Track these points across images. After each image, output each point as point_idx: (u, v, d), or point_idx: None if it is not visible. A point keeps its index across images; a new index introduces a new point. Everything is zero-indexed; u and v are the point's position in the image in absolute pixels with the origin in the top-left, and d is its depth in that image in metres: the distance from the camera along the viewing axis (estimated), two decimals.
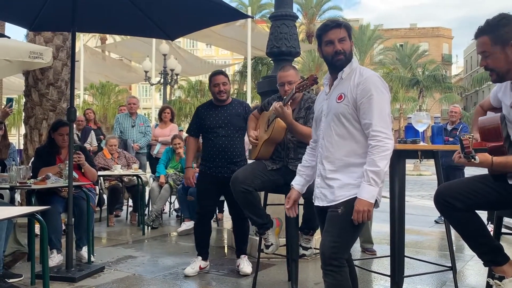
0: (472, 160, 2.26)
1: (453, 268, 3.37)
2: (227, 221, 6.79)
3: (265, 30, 11.65)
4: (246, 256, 4.35)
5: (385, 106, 2.47)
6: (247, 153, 6.26)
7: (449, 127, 7.26)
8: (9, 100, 5.11)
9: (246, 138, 6.81)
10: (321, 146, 2.62)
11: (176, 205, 7.26)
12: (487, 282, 2.74)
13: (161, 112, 7.91)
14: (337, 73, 2.61)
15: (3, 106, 5.59)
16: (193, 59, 14.77)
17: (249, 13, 14.03)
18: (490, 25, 2.40)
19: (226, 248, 5.47)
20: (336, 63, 2.59)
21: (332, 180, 2.54)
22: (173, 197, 7.19)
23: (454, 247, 3.47)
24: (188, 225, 6.21)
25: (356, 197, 2.44)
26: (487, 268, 2.76)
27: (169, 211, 7.71)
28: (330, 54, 2.57)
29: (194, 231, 4.50)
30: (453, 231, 3.11)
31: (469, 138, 2.26)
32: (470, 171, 2.83)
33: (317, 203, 2.65)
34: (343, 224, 2.46)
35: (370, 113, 2.44)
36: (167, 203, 7.19)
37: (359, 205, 2.41)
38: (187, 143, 4.68)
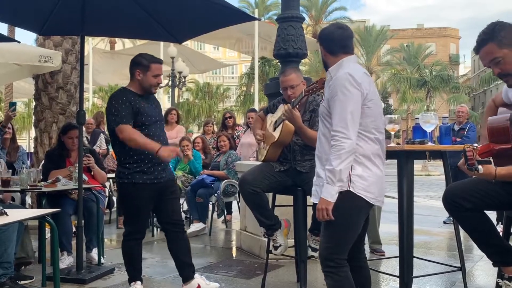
0: (475, 171, 2.30)
1: (462, 269, 3.37)
2: (236, 222, 6.81)
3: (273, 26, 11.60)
4: (197, 274, 3.75)
5: (347, 105, 2.47)
6: (254, 155, 6.29)
7: (456, 127, 7.22)
8: (12, 104, 5.18)
9: (247, 139, 6.88)
10: (316, 146, 2.71)
11: (185, 207, 7.28)
12: (497, 283, 2.73)
13: (167, 114, 7.92)
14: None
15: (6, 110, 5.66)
16: (201, 57, 14.76)
17: (256, 15, 14.03)
18: (488, 34, 2.40)
19: (234, 249, 5.49)
20: None
21: (320, 178, 2.61)
22: (182, 199, 7.21)
23: (463, 248, 3.47)
24: (197, 226, 6.25)
25: (345, 193, 2.49)
26: (496, 269, 2.76)
27: None
28: None
29: (131, 253, 3.66)
30: (462, 232, 3.11)
31: (473, 149, 2.28)
32: None
33: (312, 199, 2.74)
34: (332, 224, 2.51)
35: (333, 113, 2.51)
36: None
37: (319, 203, 2.50)
38: (127, 134, 3.50)
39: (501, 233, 2.86)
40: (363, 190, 2.50)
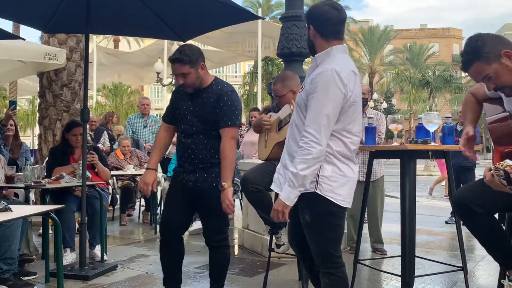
0: None
1: (464, 269, 3.37)
2: (238, 221, 6.82)
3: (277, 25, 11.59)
4: None
5: (325, 106, 2.26)
6: (257, 153, 6.28)
7: (459, 128, 7.22)
8: (12, 103, 5.23)
9: (250, 138, 6.87)
10: (286, 134, 2.57)
11: None
12: (501, 284, 2.73)
13: None
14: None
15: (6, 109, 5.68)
16: (205, 52, 14.76)
17: (260, 15, 14.01)
18: (472, 53, 2.32)
19: (236, 247, 5.50)
20: None
21: (287, 170, 2.42)
22: None
23: (465, 248, 3.47)
24: (199, 224, 6.23)
25: (312, 195, 2.36)
26: (498, 269, 2.77)
27: None
28: None
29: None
30: (464, 232, 3.11)
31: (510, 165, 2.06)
32: (481, 172, 2.83)
33: (272, 186, 2.62)
34: (317, 231, 2.44)
35: (309, 110, 2.31)
36: None
37: (276, 204, 2.36)
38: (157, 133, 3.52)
39: None
40: (330, 192, 2.35)
